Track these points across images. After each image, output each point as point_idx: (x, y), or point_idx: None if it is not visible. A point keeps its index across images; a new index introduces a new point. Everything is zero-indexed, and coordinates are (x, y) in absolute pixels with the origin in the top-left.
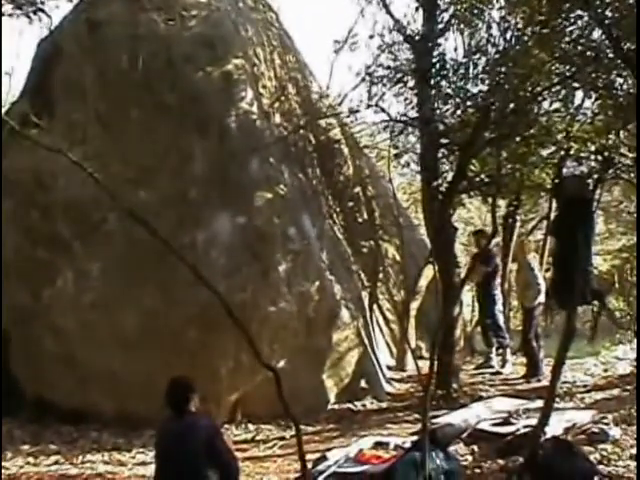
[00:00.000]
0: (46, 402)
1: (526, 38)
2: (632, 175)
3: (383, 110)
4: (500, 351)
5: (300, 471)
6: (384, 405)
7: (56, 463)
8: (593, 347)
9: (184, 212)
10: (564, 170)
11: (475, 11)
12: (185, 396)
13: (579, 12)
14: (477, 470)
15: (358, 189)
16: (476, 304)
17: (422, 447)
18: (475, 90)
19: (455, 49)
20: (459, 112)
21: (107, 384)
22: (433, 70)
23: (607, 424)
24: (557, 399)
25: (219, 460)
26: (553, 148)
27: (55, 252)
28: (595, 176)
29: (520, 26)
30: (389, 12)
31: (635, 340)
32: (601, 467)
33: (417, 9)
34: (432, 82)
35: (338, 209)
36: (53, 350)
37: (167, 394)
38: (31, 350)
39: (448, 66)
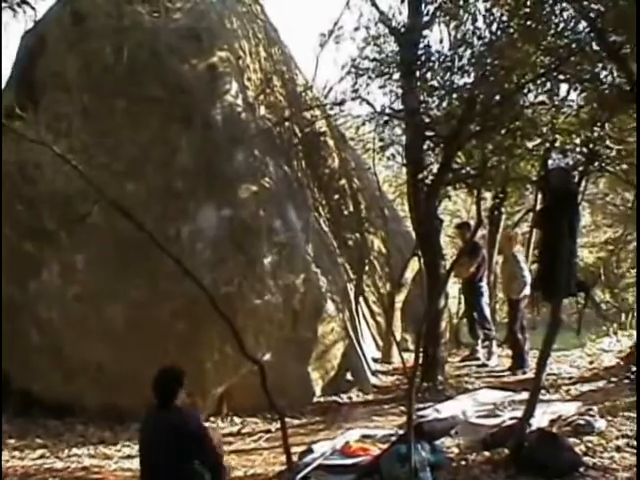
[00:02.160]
0: (32, 395)
1: (511, 30)
2: (618, 167)
3: (368, 102)
4: (486, 343)
5: (286, 464)
6: (370, 397)
7: (42, 457)
8: (579, 339)
9: (170, 204)
10: (549, 162)
11: (460, 3)
12: (172, 388)
13: (564, 4)
14: (462, 462)
15: (344, 181)
16: (462, 296)
17: (408, 439)
18: (460, 82)
19: (440, 41)
20: (444, 104)
21: (93, 377)
22: (418, 62)
23: (592, 416)
24: (542, 391)
25: (206, 458)
26: (538, 140)
27: (41, 244)
28: (580, 168)
29: (505, 18)
30: (374, 4)
31: (620, 332)
32: (586, 459)
33: (402, 1)
34: (417, 74)
35: (324, 201)
36: (39, 343)
37: (154, 383)
38: (17, 343)
39: (433, 58)
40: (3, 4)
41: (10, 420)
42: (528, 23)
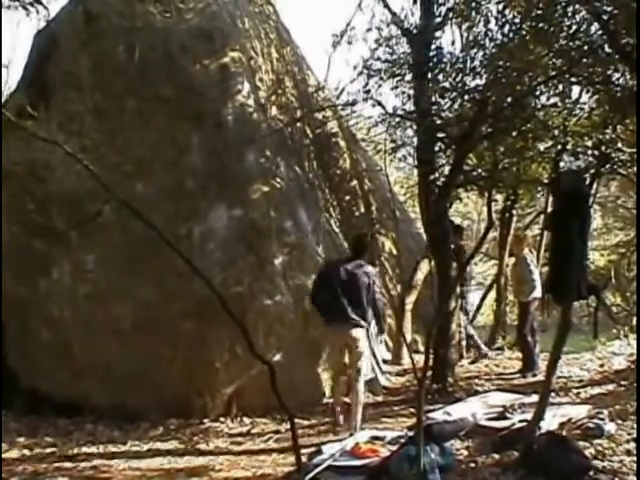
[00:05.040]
0: (41, 394)
1: (523, 32)
2: (629, 170)
3: (380, 104)
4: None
5: (295, 464)
6: (379, 399)
7: (51, 455)
8: (589, 342)
9: (180, 204)
10: (561, 165)
11: (472, 5)
12: (364, 246)
13: (576, 6)
14: (472, 464)
15: (355, 182)
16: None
17: (417, 441)
18: (472, 84)
19: (452, 43)
20: (456, 106)
21: (102, 376)
22: (430, 64)
23: (602, 419)
24: (553, 394)
25: (373, 301)
26: (550, 143)
27: (51, 243)
28: (592, 171)
29: (517, 20)
30: (387, 5)
31: (631, 335)
32: (596, 462)
33: (415, 2)
34: (429, 76)
35: (335, 202)
36: (48, 341)
37: (354, 240)
38: (26, 341)
39: (445, 60)
40: (16, 3)
41: (19, 418)
42: (540, 25)
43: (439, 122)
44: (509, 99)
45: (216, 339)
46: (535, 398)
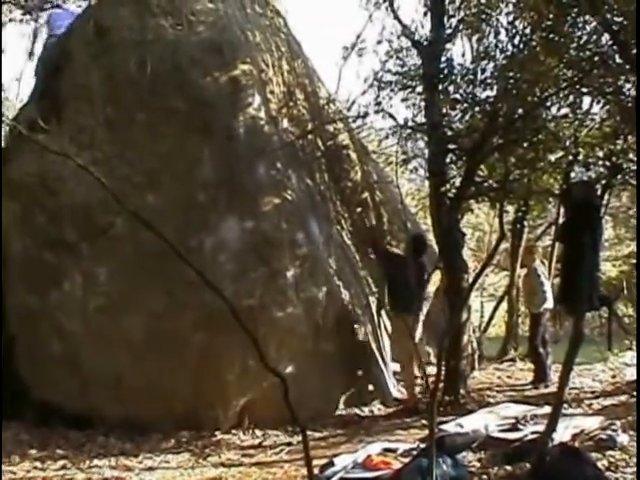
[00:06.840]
0: (52, 406)
1: (534, 43)
2: None
3: (391, 115)
4: None
5: (307, 477)
6: (391, 411)
7: (63, 468)
8: (601, 353)
9: (191, 216)
10: (572, 175)
11: (483, 16)
12: (423, 247)
13: (587, 17)
14: (484, 476)
15: (366, 194)
16: (485, 309)
17: (430, 453)
18: (483, 95)
19: (463, 54)
20: (467, 117)
21: (114, 388)
22: (441, 75)
23: (615, 430)
24: (565, 405)
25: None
26: (561, 153)
27: (62, 255)
28: (603, 181)
29: (528, 31)
30: (397, 18)
31: None
32: (609, 474)
33: (425, 14)
34: (440, 87)
35: (346, 214)
36: (60, 353)
37: (414, 242)
38: (38, 353)
39: (456, 71)
40: (29, 16)
41: (31, 430)
42: (551, 36)
43: (450, 134)
44: (520, 110)
45: (228, 351)
46: (547, 409)
